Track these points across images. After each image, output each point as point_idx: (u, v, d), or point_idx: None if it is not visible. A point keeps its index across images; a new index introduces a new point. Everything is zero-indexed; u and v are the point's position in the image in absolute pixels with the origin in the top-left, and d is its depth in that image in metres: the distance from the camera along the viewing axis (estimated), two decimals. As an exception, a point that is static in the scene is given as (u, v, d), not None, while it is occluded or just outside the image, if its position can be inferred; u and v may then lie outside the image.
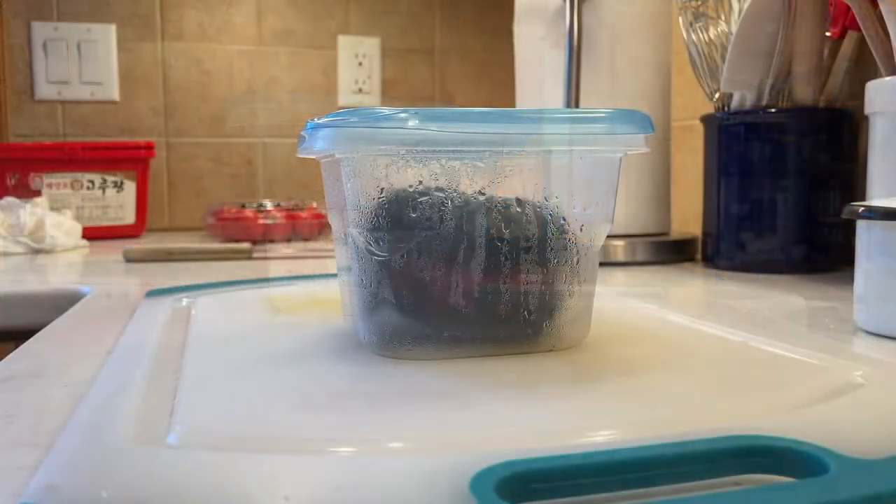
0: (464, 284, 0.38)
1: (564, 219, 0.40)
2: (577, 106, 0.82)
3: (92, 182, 1.27)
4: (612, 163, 0.41)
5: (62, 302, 0.69)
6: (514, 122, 0.37)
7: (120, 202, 1.29)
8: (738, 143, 0.78)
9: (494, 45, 1.64)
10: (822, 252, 0.77)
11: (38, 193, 1.22)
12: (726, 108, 0.81)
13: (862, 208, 0.47)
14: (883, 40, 0.64)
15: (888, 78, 0.62)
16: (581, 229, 0.40)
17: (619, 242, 0.85)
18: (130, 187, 1.30)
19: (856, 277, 0.49)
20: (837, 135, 0.77)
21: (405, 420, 0.30)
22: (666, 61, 0.89)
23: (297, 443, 0.27)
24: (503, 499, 0.22)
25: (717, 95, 0.82)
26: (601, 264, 0.82)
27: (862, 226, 0.48)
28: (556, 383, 0.35)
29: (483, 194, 0.38)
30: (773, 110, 0.77)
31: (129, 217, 1.30)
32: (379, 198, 0.37)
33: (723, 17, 0.81)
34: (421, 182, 0.37)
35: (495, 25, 1.64)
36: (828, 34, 0.78)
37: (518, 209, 0.39)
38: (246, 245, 0.96)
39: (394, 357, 0.39)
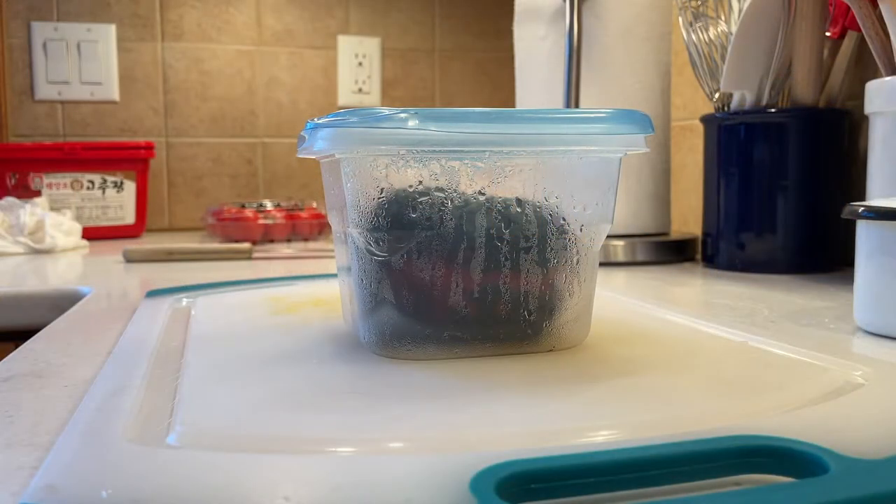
0: (464, 284, 0.38)
1: (564, 219, 0.40)
2: (577, 106, 0.82)
3: (92, 182, 1.27)
4: (612, 163, 0.41)
5: (62, 302, 0.69)
6: (514, 122, 0.37)
7: (120, 202, 1.29)
8: (738, 143, 0.78)
9: (494, 46, 1.64)
10: (822, 252, 0.77)
11: (38, 193, 1.22)
12: (726, 108, 0.81)
13: (862, 208, 0.47)
14: (883, 40, 0.64)
15: (888, 78, 0.62)
16: (581, 229, 0.40)
17: (619, 242, 0.85)
18: (130, 187, 1.30)
19: (856, 277, 0.49)
20: (837, 135, 0.77)
21: (405, 420, 0.30)
22: (666, 61, 0.89)
23: (297, 443, 0.27)
24: (503, 499, 0.22)
25: (717, 95, 0.82)
26: (601, 264, 0.82)
27: (862, 226, 0.48)
28: (556, 383, 0.35)
29: (483, 194, 0.38)
30: (773, 110, 0.77)
31: (129, 217, 1.30)
32: (379, 198, 0.37)
33: (723, 17, 0.81)
34: (421, 182, 0.37)
35: (495, 26, 1.64)
36: (828, 34, 0.78)
37: (518, 209, 0.39)
38: (246, 245, 0.96)
39: (394, 357, 0.39)
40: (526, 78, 0.92)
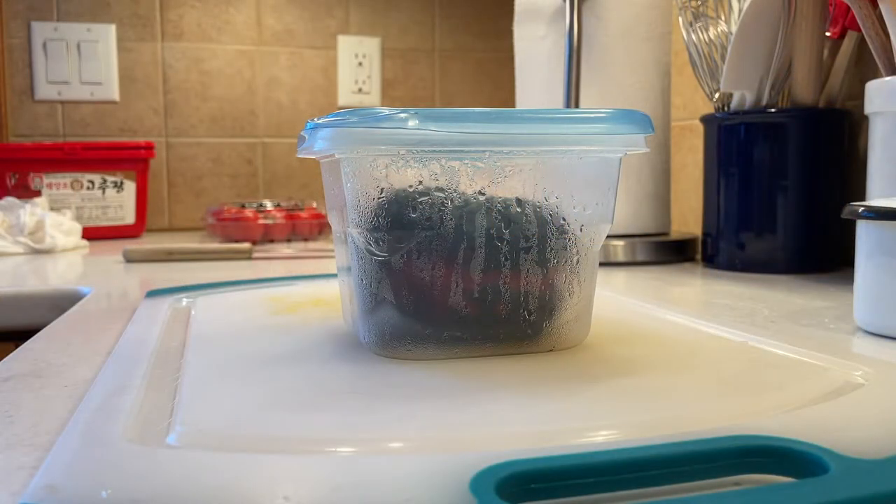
0: (464, 284, 0.38)
1: (564, 219, 0.40)
2: (577, 106, 0.82)
3: (92, 182, 1.27)
4: (612, 163, 0.41)
5: (62, 302, 0.69)
6: (514, 122, 0.37)
7: (120, 202, 1.29)
8: (738, 143, 0.78)
9: (494, 46, 1.64)
10: (822, 252, 0.77)
11: (38, 193, 1.22)
12: (726, 108, 0.81)
13: (862, 208, 0.47)
14: (883, 40, 0.64)
15: (888, 78, 0.62)
16: (581, 229, 0.40)
17: (619, 242, 0.85)
18: (130, 187, 1.30)
19: (856, 277, 0.49)
20: (837, 135, 0.77)
21: (405, 420, 0.30)
22: (666, 61, 0.89)
23: (296, 443, 0.27)
24: (503, 499, 0.22)
25: (717, 95, 0.82)
26: (601, 264, 0.82)
27: (862, 226, 0.48)
28: (556, 383, 0.35)
29: (483, 194, 0.38)
30: (773, 110, 0.77)
31: (129, 217, 1.30)
32: (379, 198, 0.37)
33: (723, 17, 0.81)
34: (421, 182, 0.37)
35: (495, 26, 1.64)
36: (828, 34, 0.78)
37: (518, 209, 0.39)
38: (246, 245, 0.96)
39: (394, 357, 0.39)
40: (526, 78, 0.92)
